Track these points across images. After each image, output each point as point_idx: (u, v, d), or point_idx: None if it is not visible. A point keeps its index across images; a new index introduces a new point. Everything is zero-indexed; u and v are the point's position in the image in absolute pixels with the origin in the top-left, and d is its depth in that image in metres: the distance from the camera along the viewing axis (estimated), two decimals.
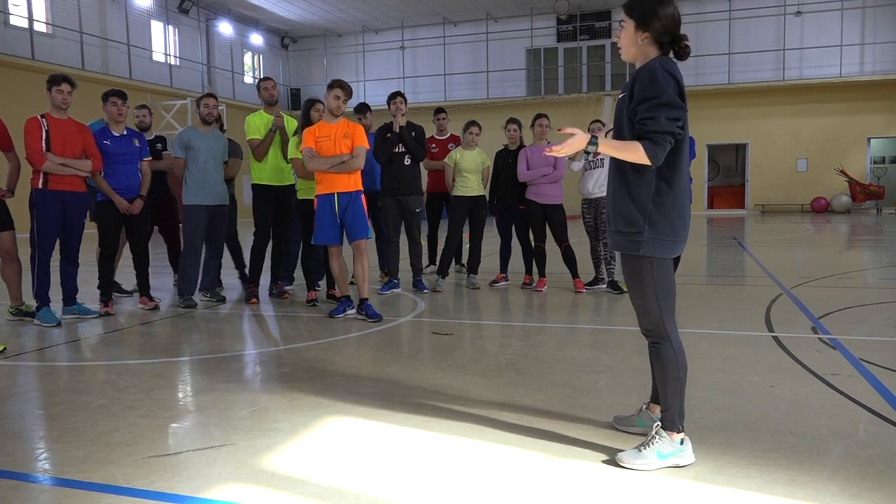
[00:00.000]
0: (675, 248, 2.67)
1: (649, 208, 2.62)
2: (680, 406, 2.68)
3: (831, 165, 23.13)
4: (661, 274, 2.66)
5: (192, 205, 6.41)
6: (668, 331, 2.68)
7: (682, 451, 2.63)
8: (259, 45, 27.42)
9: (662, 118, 2.53)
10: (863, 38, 23.09)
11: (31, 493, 2.50)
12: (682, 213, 2.66)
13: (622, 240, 2.70)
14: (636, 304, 2.74)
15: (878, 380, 3.66)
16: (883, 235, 14.01)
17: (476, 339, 5.03)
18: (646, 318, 2.71)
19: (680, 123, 2.56)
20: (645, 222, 2.62)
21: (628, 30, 2.67)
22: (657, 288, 2.66)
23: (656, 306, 2.67)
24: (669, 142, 2.54)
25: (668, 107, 2.54)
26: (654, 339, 2.71)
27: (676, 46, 2.66)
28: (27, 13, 17.99)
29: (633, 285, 2.74)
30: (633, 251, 2.66)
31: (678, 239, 2.67)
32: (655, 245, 2.63)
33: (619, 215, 2.69)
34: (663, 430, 2.64)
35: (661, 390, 2.71)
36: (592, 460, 2.69)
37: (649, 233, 2.62)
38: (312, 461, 2.73)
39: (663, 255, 2.65)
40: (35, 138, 5.47)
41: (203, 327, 5.63)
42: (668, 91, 2.54)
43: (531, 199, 7.01)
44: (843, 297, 6.33)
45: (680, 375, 2.67)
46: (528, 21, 25.95)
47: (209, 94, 6.69)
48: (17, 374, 4.21)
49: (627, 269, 2.74)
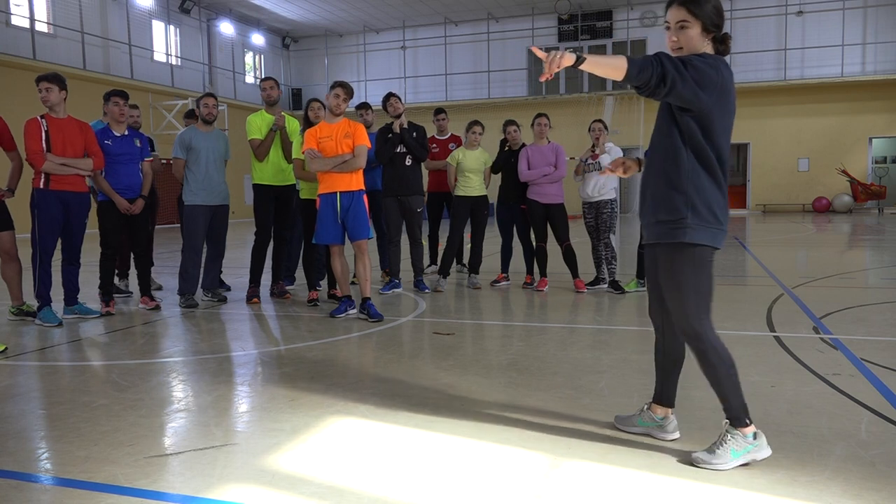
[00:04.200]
0: (718, 236, 2.59)
1: (690, 193, 2.54)
2: (741, 400, 2.60)
3: (833, 165, 23.11)
4: (701, 267, 2.58)
5: (194, 205, 6.42)
6: (704, 329, 2.59)
7: (757, 445, 2.58)
8: (260, 44, 27.43)
9: (678, 65, 2.42)
10: (864, 37, 23.07)
11: (33, 493, 2.50)
12: (720, 201, 2.58)
13: (663, 229, 2.61)
14: (672, 303, 2.65)
15: (880, 380, 3.66)
16: (884, 235, 13.99)
17: (477, 339, 5.03)
18: (682, 319, 2.62)
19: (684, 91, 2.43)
20: (688, 208, 2.54)
21: (694, 30, 2.56)
22: (696, 284, 2.57)
23: (693, 304, 2.58)
24: (660, 77, 2.40)
25: (693, 68, 2.43)
26: (691, 340, 2.64)
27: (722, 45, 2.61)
28: (29, 13, 18.01)
29: (670, 280, 2.63)
30: (678, 238, 2.56)
31: (721, 227, 2.58)
32: (700, 231, 2.54)
33: (658, 205, 2.61)
34: (733, 428, 2.59)
35: (717, 391, 2.64)
36: (594, 460, 2.69)
37: (692, 219, 2.54)
38: (314, 461, 2.73)
39: (708, 242, 2.56)
40: (35, 139, 5.47)
41: (204, 327, 5.63)
42: (705, 70, 2.45)
43: (533, 198, 7.01)
44: (844, 297, 6.33)
45: (730, 371, 2.59)
46: (530, 21, 25.94)
47: (208, 93, 6.68)
48: (18, 373, 4.21)
49: (667, 262, 2.63)
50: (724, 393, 2.62)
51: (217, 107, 6.61)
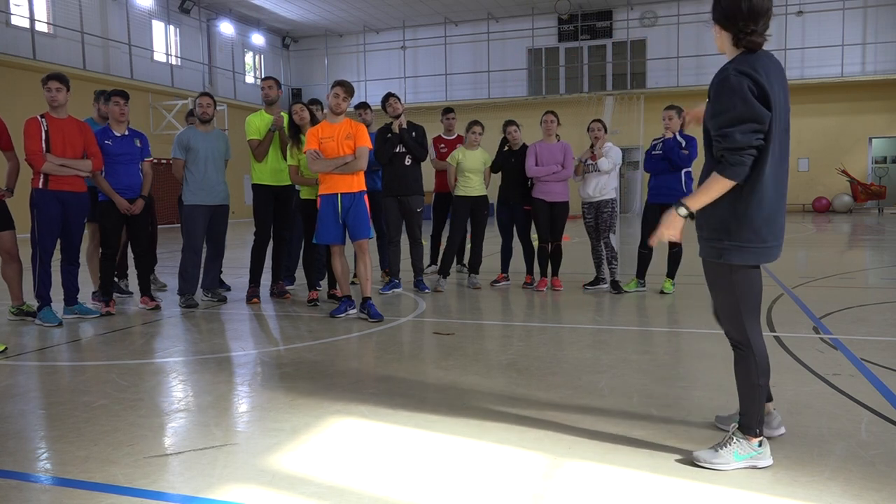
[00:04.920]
0: (763, 254, 2.56)
1: (727, 216, 2.53)
2: (759, 412, 2.63)
3: (833, 165, 23.10)
4: (743, 281, 2.59)
5: (193, 205, 6.42)
6: (751, 336, 2.61)
7: (761, 453, 2.60)
8: (260, 44, 27.42)
9: (736, 134, 2.41)
10: (864, 37, 23.07)
11: (33, 493, 2.50)
12: (769, 217, 2.53)
13: (706, 246, 2.64)
14: (720, 310, 2.70)
15: (880, 380, 3.66)
16: (884, 235, 13.99)
17: (477, 339, 5.03)
18: (728, 323, 2.66)
19: (759, 134, 2.43)
20: (725, 230, 2.54)
21: (716, 29, 2.59)
22: (739, 296, 2.60)
23: (738, 312, 2.61)
24: (750, 154, 2.43)
25: (739, 121, 2.41)
26: (736, 344, 2.66)
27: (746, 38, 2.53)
28: (28, 13, 18.01)
29: (715, 290, 2.68)
30: (715, 258, 2.59)
31: (766, 245, 2.55)
32: (738, 253, 2.54)
33: (704, 221, 2.62)
34: (740, 433, 2.61)
35: (740, 394, 2.66)
36: (594, 460, 2.69)
37: (730, 241, 2.54)
38: (314, 461, 2.73)
39: (747, 262, 2.56)
40: (34, 139, 5.46)
41: (204, 327, 5.63)
42: (738, 101, 2.41)
43: (539, 197, 7.00)
44: (844, 297, 6.33)
45: (760, 382, 2.62)
46: (530, 21, 25.93)
47: (204, 93, 6.65)
48: (18, 373, 4.21)
49: (712, 277, 2.68)
50: (746, 400, 2.65)
51: (212, 106, 6.56)
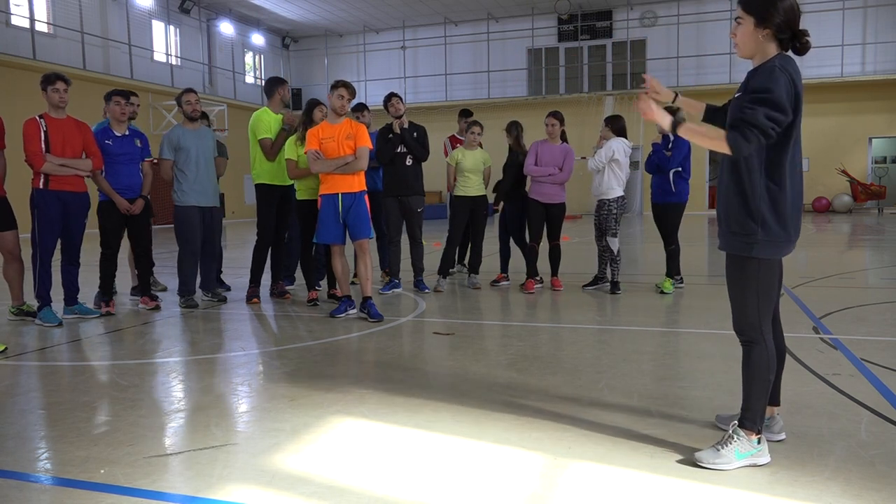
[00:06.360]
0: (786, 248, 2.64)
1: (762, 210, 2.56)
2: (762, 408, 2.65)
3: (832, 165, 23.09)
4: (766, 275, 2.63)
5: (186, 206, 6.36)
6: (764, 333, 2.65)
7: (760, 450, 2.61)
8: (260, 44, 27.42)
9: (761, 113, 2.45)
10: (864, 37, 23.07)
11: (33, 493, 2.50)
12: (793, 213, 2.60)
13: (734, 240, 2.65)
14: (735, 304, 2.71)
15: (880, 380, 3.66)
16: (884, 235, 13.99)
17: (477, 339, 5.03)
18: (743, 319, 2.68)
19: (777, 127, 2.47)
20: (758, 224, 2.57)
21: (747, 26, 2.58)
22: (759, 290, 2.63)
23: (755, 308, 2.64)
24: (758, 138, 2.46)
25: (772, 106, 2.45)
26: (748, 339, 2.68)
27: (797, 42, 2.56)
28: (28, 13, 18.01)
29: (735, 285, 2.69)
30: (745, 252, 2.61)
31: (790, 240, 2.62)
32: (767, 246, 2.59)
33: (731, 215, 2.64)
34: (741, 430, 2.62)
35: (746, 390, 2.67)
36: (594, 460, 2.69)
37: (762, 234, 2.57)
38: (314, 461, 2.73)
39: (775, 255, 2.62)
40: (34, 140, 5.46)
41: (204, 327, 5.63)
42: (779, 91, 2.46)
43: (534, 198, 7.00)
44: (844, 297, 6.33)
45: (768, 377, 2.64)
46: (530, 21, 25.93)
47: (188, 89, 6.55)
48: (18, 373, 4.21)
49: (733, 269, 2.69)
50: (750, 394, 2.66)
51: (199, 102, 6.49)
